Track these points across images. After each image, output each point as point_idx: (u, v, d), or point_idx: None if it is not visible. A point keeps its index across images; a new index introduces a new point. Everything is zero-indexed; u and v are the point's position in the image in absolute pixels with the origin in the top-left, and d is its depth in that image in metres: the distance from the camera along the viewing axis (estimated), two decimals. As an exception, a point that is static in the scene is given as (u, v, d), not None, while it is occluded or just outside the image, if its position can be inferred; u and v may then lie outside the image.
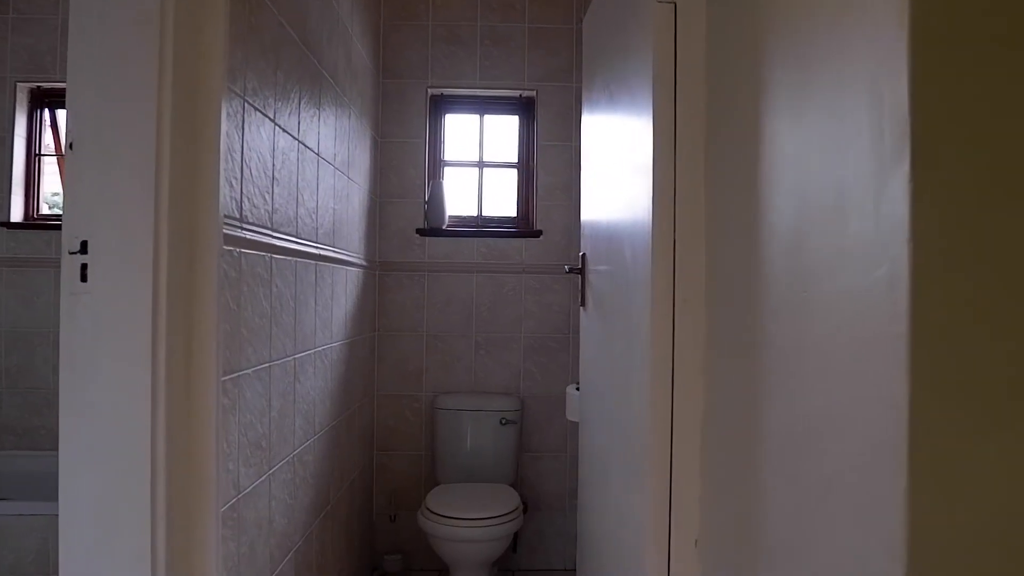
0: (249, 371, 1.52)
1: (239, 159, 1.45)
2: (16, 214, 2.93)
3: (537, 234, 3.15)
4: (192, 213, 1.20)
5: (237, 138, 1.43)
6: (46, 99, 3.03)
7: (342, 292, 2.42)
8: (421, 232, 3.13)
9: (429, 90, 3.19)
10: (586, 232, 2.06)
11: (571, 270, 2.05)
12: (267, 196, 1.62)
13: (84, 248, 1.13)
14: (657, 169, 1.28)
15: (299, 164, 1.88)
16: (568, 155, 3.17)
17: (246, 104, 1.47)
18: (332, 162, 2.24)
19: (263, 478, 1.63)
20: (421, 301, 3.13)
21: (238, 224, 1.44)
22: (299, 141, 1.87)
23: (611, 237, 1.64)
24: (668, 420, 1.25)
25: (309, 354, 2.01)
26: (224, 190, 1.37)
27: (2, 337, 2.90)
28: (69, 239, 1.13)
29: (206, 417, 1.21)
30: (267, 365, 1.64)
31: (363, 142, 2.75)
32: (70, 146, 1.14)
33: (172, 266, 1.15)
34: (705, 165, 1.26)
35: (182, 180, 1.19)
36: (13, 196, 2.92)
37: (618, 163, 1.60)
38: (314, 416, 2.07)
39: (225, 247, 1.37)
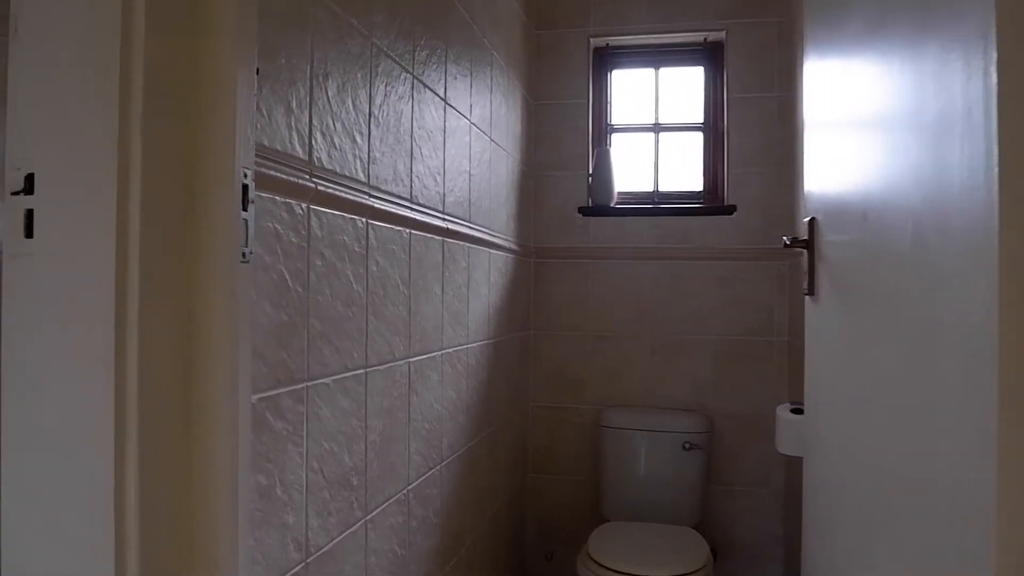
0: (327, 380, 1.07)
1: (306, 71, 1.00)
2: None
3: (728, 210, 2.50)
4: (190, 129, 0.75)
5: (294, 38, 0.98)
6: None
7: (483, 280, 1.94)
8: (584, 211, 2.59)
9: (591, 40, 2.65)
10: (815, 196, 1.42)
11: (792, 243, 1.42)
12: (359, 137, 1.17)
13: (30, 185, 0.71)
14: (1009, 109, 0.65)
15: (414, 105, 1.42)
16: (769, 109, 2.49)
17: (316, -5, 1.02)
18: (467, 115, 1.78)
19: (354, 528, 1.17)
20: (583, 294, 2.60)
21: (303, 168, 0.99)
22: (413, 75, 1.41)
23: (876, 203, 1.01)
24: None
25: (433, 357, 1.54)
26: (277, 113, 0.92)
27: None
28: (11, 172, 0.72)
29: (216, 456, 0.76)
30: (359, 372, 1.19)
31: (510, 101, 2.27)
32: (15, 30, 0.73)
33: (152, 214, 0.71)
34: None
35: (171, 77, 0.75)
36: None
37: (897, 106, 0.96)
38: (440, 437, 1.61)
39: (271, 194, 0.92)
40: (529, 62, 2.55)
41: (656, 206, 2.61)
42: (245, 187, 0.78)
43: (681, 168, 2.69)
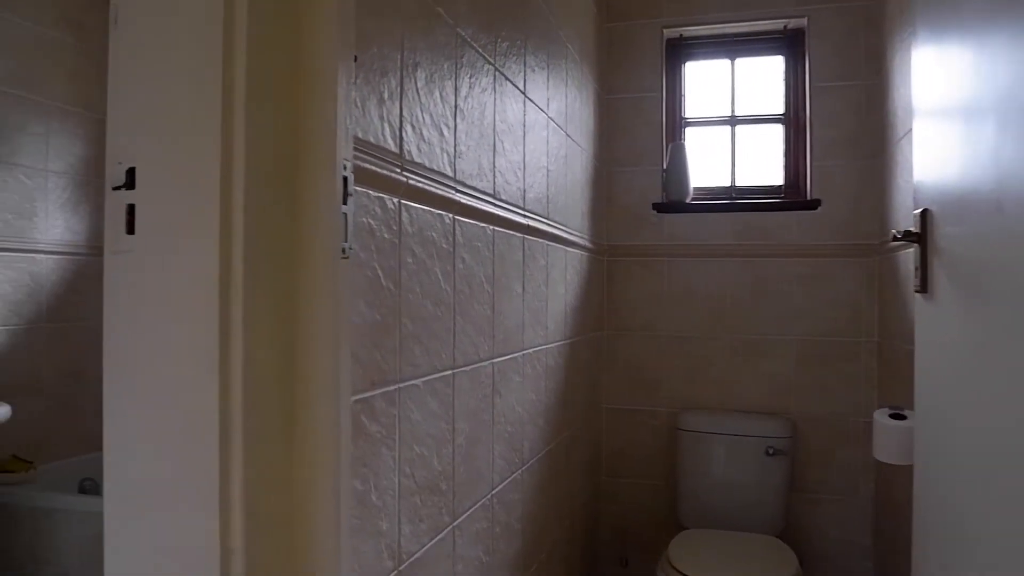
0: (417, 382, 1.03)
1: (397, 61, 0.96)
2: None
3: (812, 205, 2.38)
4: (291, 120, 0.72)
5: (385, 26, 0.95)
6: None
7: (560, 279, 1.89)
8: (659, 208, 2.51)
9: (664, 31, 2.57)
10: (927, 186, 1.31)
11: (903, 236, 1.32)
12: (445, 130, 1.13)
13: (131, 180, 0.69)
14: None
15: (496, 97, 1.38)
16: (855, 98, 2.37)
17: (406, -18, 0.99)
18: (544, 108, 1.73)
19: (443, 534, 1.13)
20: (658, 293, 2.52)
21: (394, 161, 0.96)
22: (495, 67, 1.37)
23: (1016, 192, 0.91)
24: None
25: (514, 358, 1.50)
26: (370, 104, 0.89)
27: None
28: (112, 166, 0.70)
29: (319, 459, 0.72)
30: (448, 373, 1.15)
31: (584, 95, 2.21)
32: (114, 20, 0.72)
33: (255, 208, 0.68)
34: None
35: (273, 68, 0.71)
36: (227, 186, 2.80)
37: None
38: (522, 440, 1.56)
39: (365, 188, 0.88)
40: (600, 55, 2.48)
41: (733, 201, 2.51)
42: (345, 180, 0.75)
43: (760, 162, 2.58)
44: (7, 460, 2.33)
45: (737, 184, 2.57)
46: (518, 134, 1.52)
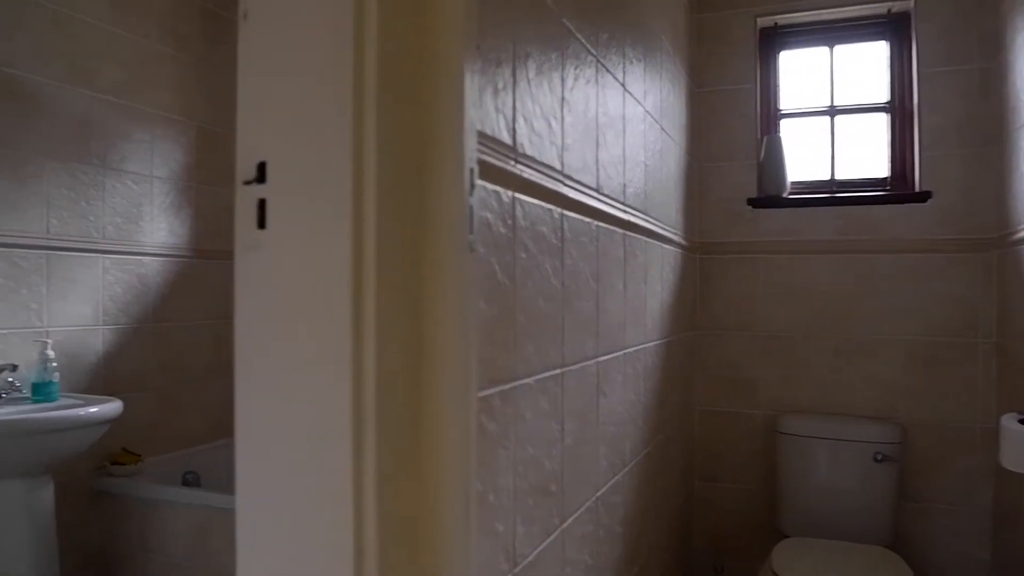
0: (530, 380, 1.01)
1: (510, 51, 0.94)
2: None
3: (922, 197, 2.25)
4: (419, 109, 0.71)
5: (498, 16, 0.93)
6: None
7: (657, 277, 1.84)
8: (754, 203, 2.42)
9: (758, 20, 2.47)
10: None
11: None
12: (553, 122, 1.11)
13: (262, 174, 0.69)
14: None
15: (598, 89, 1.34)
16: (968, 83, 2.22)
17: (519, -29, 0.97)
18: (641, 101, 1.68)
19: (552, 537, 1.11)
20: (753, 291, 2.43)
21: (508, 153, 0.94)
22: (597, 59, 1.33)
23: None
24: None
25: (616, 357, 1.46)
26: (486, 95, 0.87)
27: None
28: (243, 161, 0.71)
29: (447, 459, 0.71)
30: (557, 372, 1.12)
31: (676, 88, 2.15)
32: (244, 15, 0.72)
33: (387, 202, 0.66)
34: None
35: (401, 58, 0.70)
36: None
37: None
38: (624, 442, 1.52)
39: (482, 181, 0.86)
40: (691, 48, 2.41)
41: (834, 195, 2.40)
42: (472, 171, 0.73)
43: (861, 153, 2.45)
44: (118, 452, 2.44)
45: (837, 177, 2.45)
46: (618, 127, 1.48)
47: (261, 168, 0.69)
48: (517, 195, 0.96)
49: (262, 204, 0.69)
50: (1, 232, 2.10)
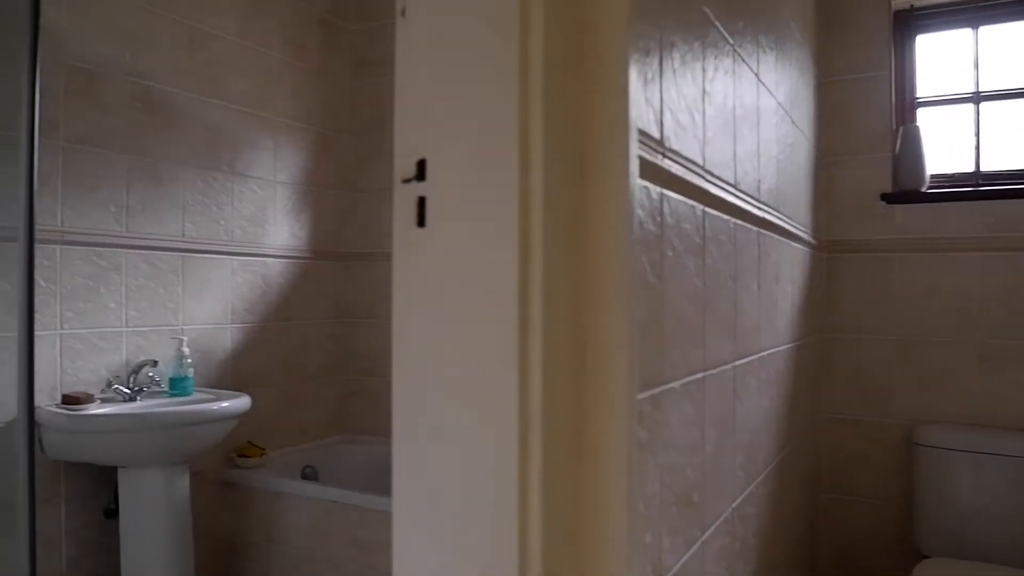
0: (675, 384, 0.97)
1: (657, 40, 0.90)
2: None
3: (1085, 189, 2.04)
4: (582, 104, 0.68)
5: (644, 2, 0.89)
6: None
7: (787, 277, 1.75)
8: (888, 198, 2.26)
9: (892, 3, 2.31)
10: None
11: None
12: (696, 114, 1.06)
13: (421, 172, 0.69)
14: None
15: (735, 80, 1.28)
16: None
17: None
18: (773, 92, 1.60)
19: (693, 549, 1.06)
20: (887, 293, 2.27)
21: (656, 146, 0.90)
22: (733, 47, 1.27)
23: None
24: None
25: (751, 361, 1.39)
26: (634, 84, 0.83)
27: (421, 332, 2.90)
28: (402, 159, 0.70)
29: (610, 460, 0.68)
30: (700, 376, 1.07)
31: (805, 78, 2.04)
32: (402, 12, 0.71)
33: (553, 198, 0.64)
34: None
35: (564, 50, 0.68)
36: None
37: None
38: (757, 450, 1.45)
39: (640, 180, 0.83)
40: (818, 34, 2.29)
41: (979, 188, 2.21)
42: (635, 169, 0.70)
43: (1013, 143, 2.25)
44: (244, 445, 2.55)
45: (983, 169, 2.26)
46: (753, 120, 1.41)
47: (421, 166, 0.68)
48: (664, 191, 0.92)
49: (421, 202, 0.68)
50: (143, 236, 2.24)
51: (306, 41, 2.85)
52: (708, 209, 1.11)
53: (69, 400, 1.96)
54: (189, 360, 2.26)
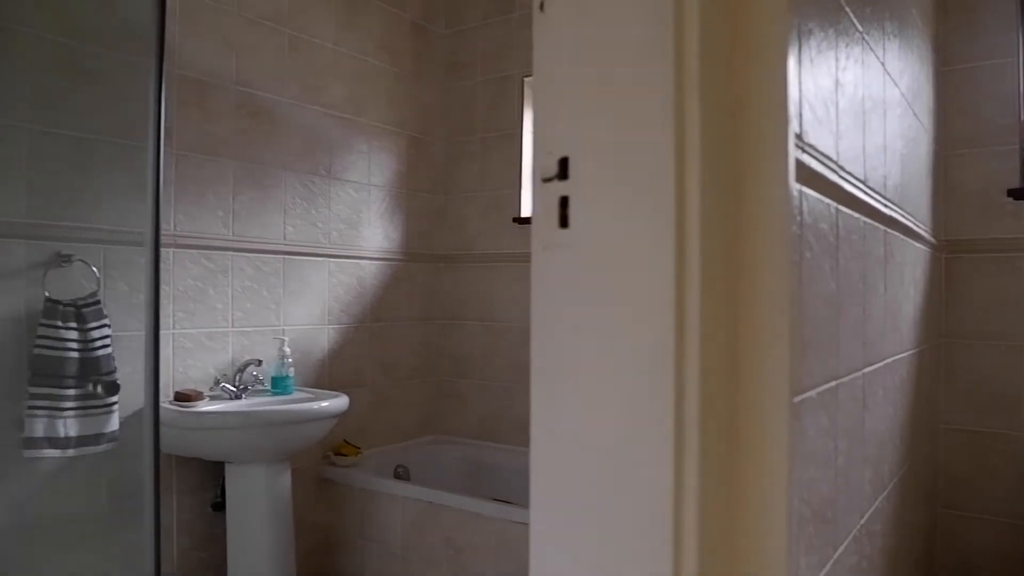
0: (812, 393, 0.91)
1: (795, 27, 0.85)
2: (527, 209, 2.90)
3: None
4: (737, 91, 0.64)
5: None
6: (547, 91, 2.95)
7: (910, 278, 1.64)
8: (1016, 194, 2.11)
9: (1021, -15, 2.15)
10: None
11: None
12: (830, 107, 0.99)
13: (564, 170, 0.66)
14: None
15: (863, 69, 1.20)
16: None
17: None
18: (897, 83, 1.50)
19: (827, 569, 1.00)
20: (1012, 295, 2.11)
21: (796, 141, 0.85)
22: (862, 34, 1.20)
23: None
24: None
25: (878, 368, 1.31)
26: (792, 75, 0.79)
27: (513, 332, 2.89)
28: (543, 157, 0.68)
29: (762, 477, 0.63)
30: (833, 384, 1.01)
31: (925, 67, 1.91)
32: (540, 6, 0.69)
33: (710, 195, 0.60)
34: None
35: (719, 40, 0.64)
36: (523, 191, 2.90)
37: None
38: (882, 463, 1.36)
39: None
40: (937, 19, 2.15)
41: (1121, 182, 2.03)
42: (794, 164, 0.65)
43: None
44: (340, 444, 2.60)
45: (1125, 161, 2.07)
46: (880, 112, 1.32)
47: (563, 163, 0.66)
48: (804, 188, 0.87)
49: (564, 202, 0.66)
50: (248, 239, 2.31)
51: (399, 46, 2.89)
52: (841, 207, 1.04)
53: (181, 397, 2.04)
54: (290, 360, 2.33)
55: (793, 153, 0.63)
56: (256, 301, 2.34)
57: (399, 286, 2.90)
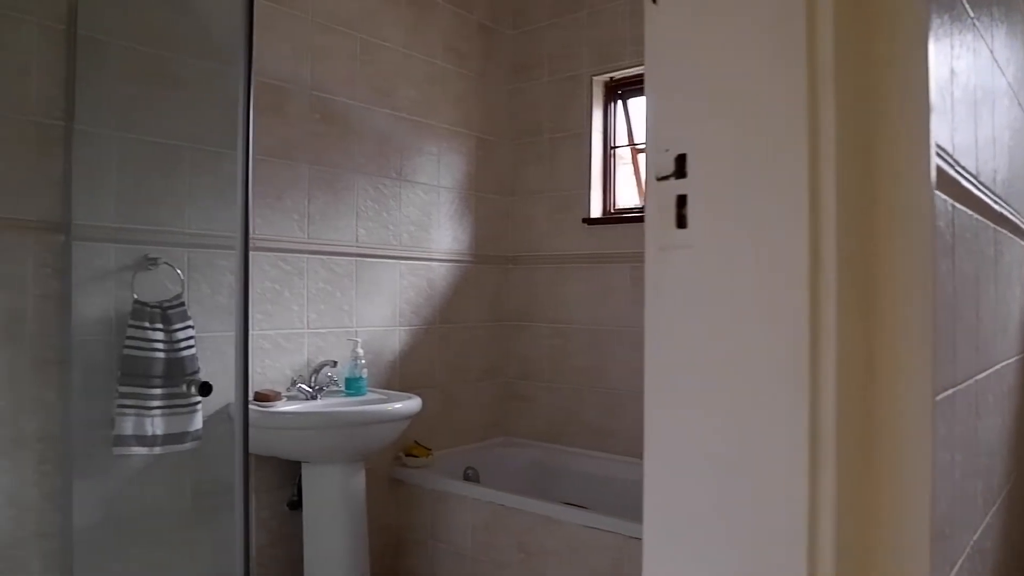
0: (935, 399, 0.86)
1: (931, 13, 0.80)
2: (595, 209, 2.87)
3: None
4: (872, 85, 0.60)
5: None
6: (619, 90, 2.92)
7: (1017, 279, 1.55)
8: None
9: None
10: None
11: None
12: (945, 96, 0.93)
13: (680, 167, 0.63)
14: None
15: (974, 58, 1.13)
16: None
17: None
18: (1004, 72, 1.42)
19: (944, 588, 0.93)
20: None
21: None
22: (973, 20, 1.13)
23: None
24: None
25: (989, 374, 1.23)
26: (933, 68, 0.74)
27: (582, 334, 2.86)
28: (658, 154, 0.65)
29: (901, 480, 0.59)
30: (950, 392, 0.95)
31: (1027, 54, 1.80)
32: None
33: (844, 195, 0.57)
34: None
35: (851, 26, 0.60)
36: (592, 191, 2.87)
37: None
38: (992, 475, 1.28)
39: (910, 168, 0.73)
40: (1037, 6, 2.03)
41: None
42: (936, 159, 0.61)
43: None
44: (411, 445, 2.61)
45: None
46: (989, 103, 1.25)
47: (680, 161, 0.63)
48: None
49: (681, 201, 0.63)
50: (322, 241, 2.34)
51: (467, 48, 2.89)
52: (957, 204, 0.98)
53: (260, 397, 2.08)
54: (363, 361, 2.35)
55: (935, 151, 0.59)
56: (330, 303, 2.37)
57: (467, 288, 2.90)
